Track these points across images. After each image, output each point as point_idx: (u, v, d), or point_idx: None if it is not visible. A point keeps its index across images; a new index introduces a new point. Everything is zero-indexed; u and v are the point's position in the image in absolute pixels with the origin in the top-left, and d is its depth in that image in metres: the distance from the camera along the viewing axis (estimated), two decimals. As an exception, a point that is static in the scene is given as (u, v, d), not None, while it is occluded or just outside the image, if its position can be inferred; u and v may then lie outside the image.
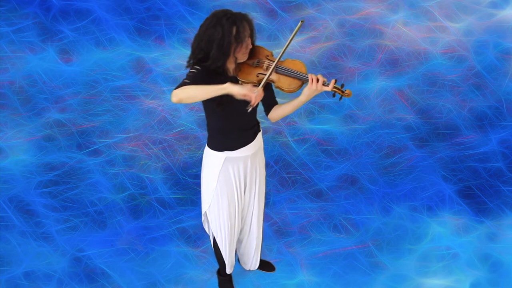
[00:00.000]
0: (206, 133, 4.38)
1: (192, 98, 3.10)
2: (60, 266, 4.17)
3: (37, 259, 4.21)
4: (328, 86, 3.26)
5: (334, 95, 3.33)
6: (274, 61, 3.29)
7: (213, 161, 3.51)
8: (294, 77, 3.31)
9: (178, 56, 5.26)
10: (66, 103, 5.09)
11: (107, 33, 5.35)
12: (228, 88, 3.08)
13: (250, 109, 3.14)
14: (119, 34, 5.36)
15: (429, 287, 4.07)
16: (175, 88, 3.11)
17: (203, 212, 3.68)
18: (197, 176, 4.75)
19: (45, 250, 4.27)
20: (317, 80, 3.25)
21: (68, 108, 5.07)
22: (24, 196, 4.57)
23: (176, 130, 5.02)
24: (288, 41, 3.25)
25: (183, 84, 3.12)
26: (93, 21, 5.39)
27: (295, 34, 3.25)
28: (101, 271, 4.15)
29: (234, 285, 4.01)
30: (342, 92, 3.29)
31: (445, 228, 4.45)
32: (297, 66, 3.32)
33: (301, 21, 3.25)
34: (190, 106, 5.09)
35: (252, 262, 3.98)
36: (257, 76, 3.30)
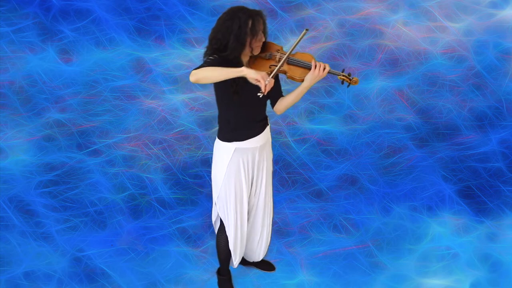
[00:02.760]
0: (206, 133, 4.38)
1: (209, 78, 3.28)
2: (60, 266, 4.16)
3: (37, 259, 4.21)
4: (325, 70, 3.46)
5: (342, 83, 3.54)
6: (284, 54, 3.52)
7: (222, 152, 3.62)
8: (305, 67, 3.50)
9: (178, 56, 5.26)
10: (66, 103, 5.08)
11: (107, 33, 5.35)
12: (244, 71, 3.26)
13: (261, 95, 3.31)
14: (119, 34, 5.36)
15: (429, 287, 4.06)
16: (196, 68, 3.29)
17: (214, 203, 3.77)
18: (197, 176, 4.76)
19: (45, 250, 4.27)
20: (319, 66, 3.45)
21: (68, 108, 5.07)
22: (24, 196, 4.57)
23: (176, 130, 5.02)
24: (297, 41, 3.47)
25: (201, 67, 3.31)
26: (93, 21, 5.39)
27: (301, 39, 3.48)
28: (101, 271, 4.15)
29: (234, 285, 4.01)
30: (350, 79, 3.50)
31: (445, 228, 4.45)
32: (307, 58, 3.52)
33: (306, 29, 3.52)
34: (190, 106, 5.09)
35: (255, 254, 4.00)
36: (270, 68, 3.50)
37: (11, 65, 5.18)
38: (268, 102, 3.67)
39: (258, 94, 3.30)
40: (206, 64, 3.35)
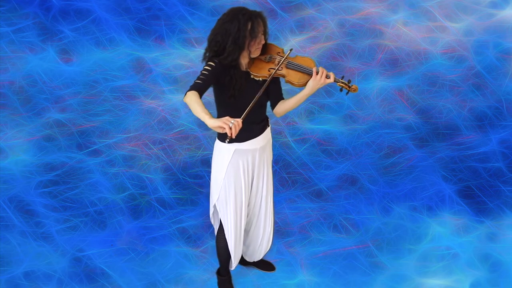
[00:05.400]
0: (206, 133, 4.37)
1: (190, 108, 3.26)
2: (60, 266, 4.17)
3: (37, 259, 4.21)
4: (329, 78, 3.45)
5: (341, 90, 3.52)
6: (283, 57, 3.50)
7: (222, 153, 3.60)
8: (303, 72, 3.49)
9: (178, 56, 5.26)
10: (66, 103, 5.08)
11: (107, 33, 5.35)
12: (206, 120, 3.16)
13: (227, 141, 3.22)
14: (119, 34, 5.36)
15: (429, 287, 4.07)
16: (189, 89, 3.26)
17: (212, 205, 3.74)
18: (197, 176, 4.76)
19: (45, 250, 4.27)
20: (322, 73, 3.43)
21: (68, 108, 5.07)
22: (24, 196, 4.57)
23: (176, 130, 5.02)
24: (282, 60, 3.47)
25: (195, 84, 3.28)
26: (93, 21, 5.39)
27: (286, 57, 3.49)
28: (101, 271, 4.15)
29: (234, 285, 4.01)
30: (349, 87, 3.48)
31: (445, 228, 4.45)
32: (307, 62, 3.51)
33: (290, 50, 3.52)
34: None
35: (256, 254, 3.99)
36: (269, 71, 3.48)
37: (11, 65, 5.18)
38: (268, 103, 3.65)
39: (225, 140, 3.22)
40: (200, 79, 3.30)
